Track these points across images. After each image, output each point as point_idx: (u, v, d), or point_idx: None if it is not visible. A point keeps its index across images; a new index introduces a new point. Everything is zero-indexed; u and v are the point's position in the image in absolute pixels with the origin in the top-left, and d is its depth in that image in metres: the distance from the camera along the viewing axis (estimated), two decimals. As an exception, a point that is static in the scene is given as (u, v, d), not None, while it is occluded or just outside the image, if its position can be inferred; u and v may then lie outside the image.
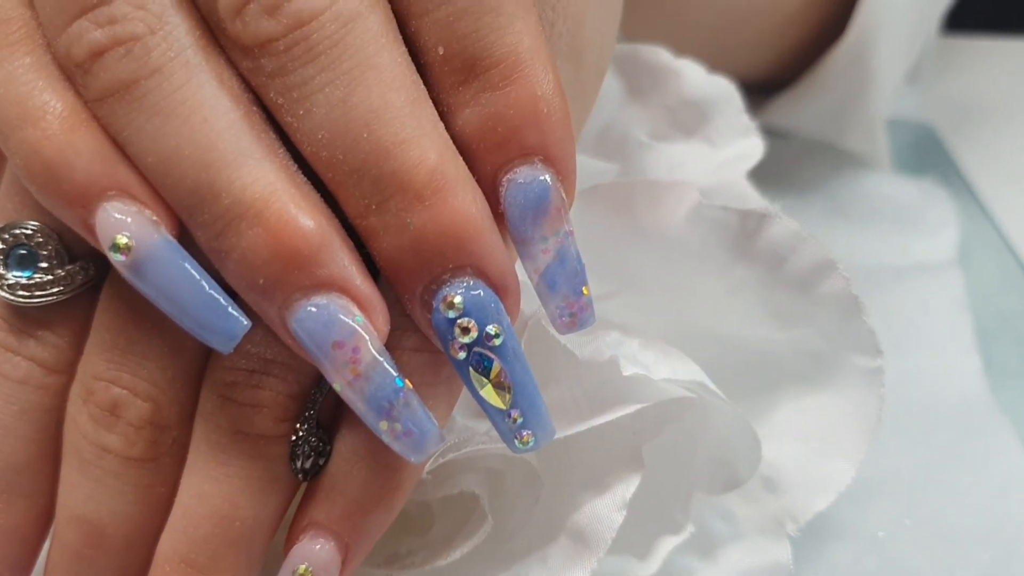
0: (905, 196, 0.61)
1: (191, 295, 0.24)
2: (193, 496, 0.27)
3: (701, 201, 0.29)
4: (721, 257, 0.30)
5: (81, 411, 0.27)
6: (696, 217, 0.29)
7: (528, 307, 0.28)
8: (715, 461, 0.30)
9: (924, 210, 0.59)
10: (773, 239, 0.29)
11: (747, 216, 0.29)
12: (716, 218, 0.29)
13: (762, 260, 0.29)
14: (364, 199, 0.24)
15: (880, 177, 0.61)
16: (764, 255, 0.29)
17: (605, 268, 0.31)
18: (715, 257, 0.30)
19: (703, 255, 0.30)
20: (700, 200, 0.29)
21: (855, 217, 0.58)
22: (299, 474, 0.27)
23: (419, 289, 0.25)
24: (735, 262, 0.30)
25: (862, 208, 0.59)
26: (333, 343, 0.24)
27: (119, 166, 0.24)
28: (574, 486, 0.29)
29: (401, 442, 0.25)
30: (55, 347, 0.28)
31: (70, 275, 0.27)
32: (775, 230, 0.29)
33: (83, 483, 0.27)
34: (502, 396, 0.25)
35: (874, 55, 0.55)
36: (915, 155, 0.66)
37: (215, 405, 0.27)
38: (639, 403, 0.28)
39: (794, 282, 0.29)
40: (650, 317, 0.31)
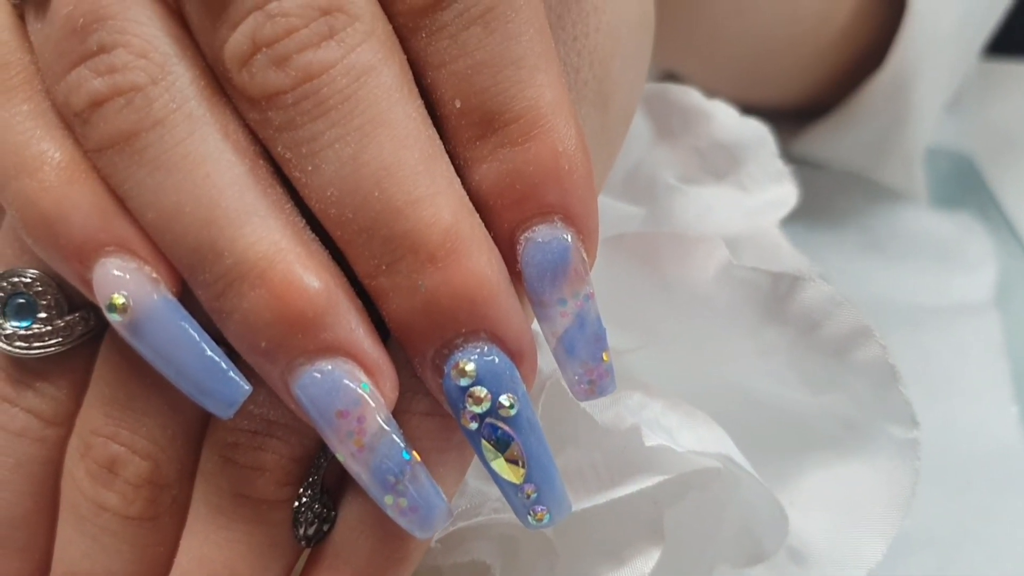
0: (942, 231, 0.59)
1: (190, 357, 0.23)
2: (192, 559, 0.26)
3: (731, 261, 0.27)
4: (751, 318, 0.28)
5: (79, 466, 0.26)
6: (725, 276, 0.28)
7: (546, 365, 0.27)
8: (740, 532, 0.28)
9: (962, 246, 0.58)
10: (806, 303, 0.28)
11: (779, 278, 0.27)
12: (746, 279, 0.28)
13: (794, 324, 0.28)
14: (374, 259, 0.23)
15: (916, 210, 0.60)
16: (797, 319, 0.28)
17: (628, 320, 0.30)
18: (745, 318, 0.28)
19: (732, 315, 0.28)
20: (729, 259, 0.28)
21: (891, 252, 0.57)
22: (302, 541, 0.25)
23: (430, 353, 0.24)
24: (765, 324, 0.28)
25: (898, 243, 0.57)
26: (337, 412, 0.23)
27: (118, 220, 0.23)
28: (590, 558, 0.27)
29: (407, 518, 0.24)
30: (54, 399, 0.27)
31: (69, 326, 0.26)
32: (809, 294, 0.28)
33: (79, 540, 0.26)
34: (515, 470, 0.24)
35: (915, 86, 0.53)
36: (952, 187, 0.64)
37: (216, 466, 0.26)
38: (661, 474, 0.26)
39: (828, 348, 0.28)
40: (674, 373, 0.30)
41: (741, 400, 0.30)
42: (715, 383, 0.30)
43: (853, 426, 0.29)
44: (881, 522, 0.28)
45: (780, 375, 0.29)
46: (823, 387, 0.29)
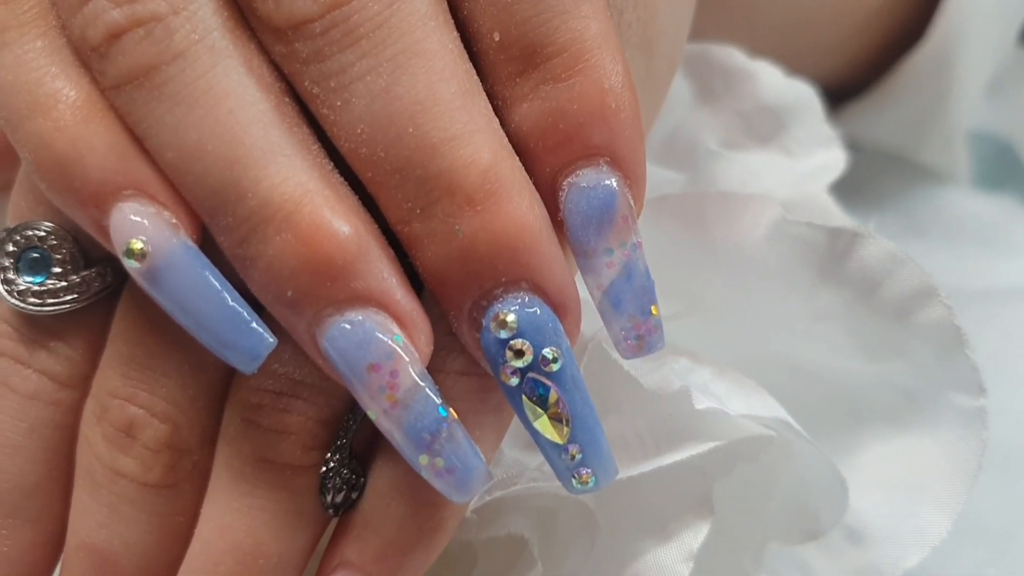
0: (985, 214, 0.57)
1: (211, 307, 0.22)
2: (213, 529, 0.24)
3: (784, 216, 0.26)
4: (805, 280, 0.27)
5: (95, 430, 0.25)
6: (778, 234, 0.26)
7: (587, 328, 0.25)
8: (793, 507, 0.27)
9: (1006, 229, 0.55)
10: (866, 261, 0.26)
11: (837, 235, 0.26)
12: (801, 236, 0.26)
13: (852, 284, 0.26)
14: (407, 202, 0.22)
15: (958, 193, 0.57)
16: (855, 279, 0.26)
17: (672, 286, 0.28)
18: (798, 280, 0.27)
19: (784, 277, 0.27)
20: (783, 215, 0.26)
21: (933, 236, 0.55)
22: (329, 509, 0.24)
23: (467, 305, 0.22)
24: (821, 286, 0.26)
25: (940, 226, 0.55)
26: (368, 365, 0.22)
27: (136, 162, 0.22)
28: (634, 532, 0.26)
29: (443, 479, 0.22)
30: (68, 360, 0.25)
31: (85, 281, 0.25)
32: (868, 251, 0.26)
33: (95, 509, 0.25)
34: (559, 429, 0.22)
35: (957, 61, 0.51)
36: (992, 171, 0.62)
37: (238, 429, 0.24)
38: (712, 440, 0.25)
39: (888, 310, 0.26)
40: (720, 342, 0.28)
41: (791, 372, 0.28)
42: (763, 353, 0.28)
43: (913, 396, 0.27)
44: (945, 497, 0.26)
45: (835, 342, 0.27)
46: (882, 354, 0.27)
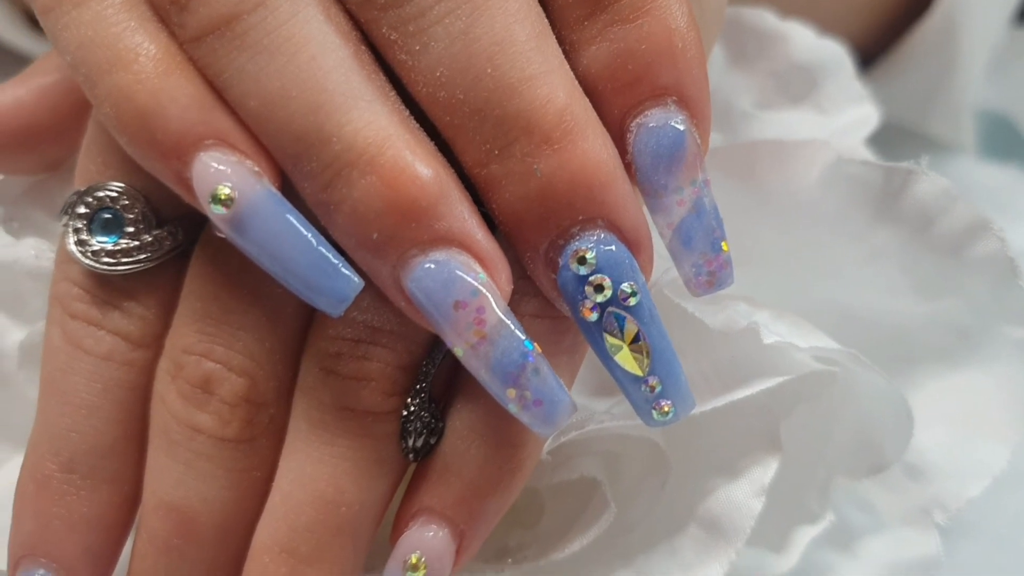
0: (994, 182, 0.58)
1: (298, 252, 0.22)
2: (294, 480, 0.24)
3: (840, 157, 0.26)
4: (860, 220, 0.27)
5: (169, 388, 0.25)
6: (833, 176, 0.27)
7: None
8: (857, 442, 0.27)
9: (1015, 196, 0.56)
10: (920, 198, 0.27)
11: (892, 173, 0.26)
12: (857, 175, 0.27)
13: (907, 222, 0.27)
14: (485, 144, 0.22)
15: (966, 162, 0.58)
16: (910, 216, 0.27)
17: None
18: (853, 221, 0.27)
19: (839, 219, 0.27)
20: (839, 156, 0.26)
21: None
22: (410, 454, 0.24)
23: (544, 245, 0.23)
24: (876, 225, 0.27)
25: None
26: (454, 303, 0.22)
27: (217, 112, 0.22)
28: (704, 471, 0.26)
29: (530, 412, 0.22)
30: (141, 319, 0.26)
31: (158, 240, 0.25)
32: (923, 187, 0.26)
33: (172, 467, 0.25)
34: (639, 362, 0.23)
35: (962, 32, 0.52)
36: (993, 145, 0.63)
37: (317, 379, 0.24)
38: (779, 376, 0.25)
39: (943, 245, 0.27)
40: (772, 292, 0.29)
41: (842, 318, 0.29)
42: (814, 301, 0.29)
43: (966, 334, 0.28)
44: (1003, 428, 0.27)
45: (889, 283, 0.28)
46: (936, 292, 0.27)
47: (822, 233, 0.28)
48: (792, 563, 0.26)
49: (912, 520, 0.27)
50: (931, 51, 0.54)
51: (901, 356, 0.29)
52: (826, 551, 0.28)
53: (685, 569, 0.25)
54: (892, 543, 0.27)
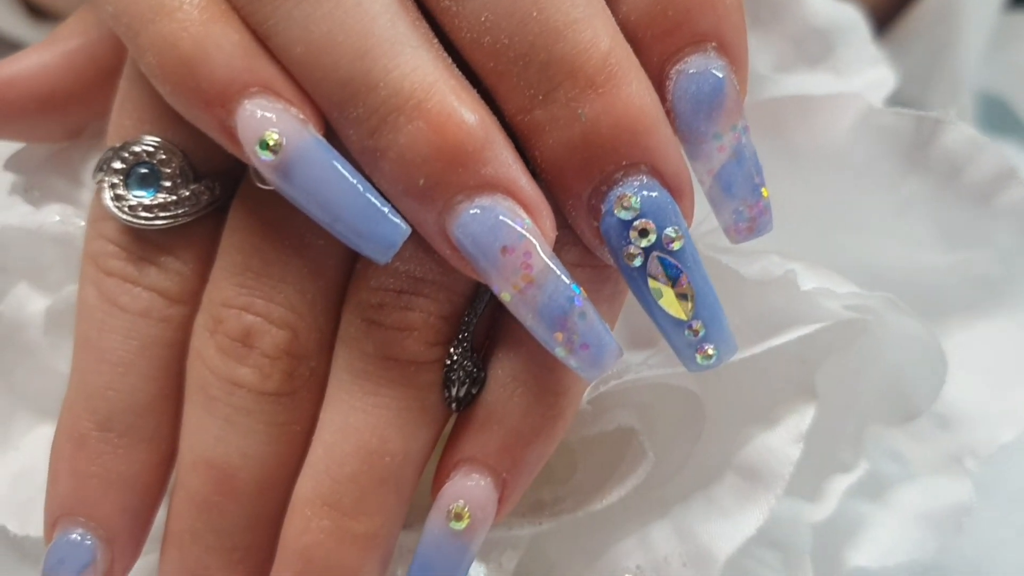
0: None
1: (346, 198, 0.22)
2: (337, 431, 0.24)
3: (871, 107, 0.27)
4: (888, 171, 0.27)
5: (208, 344, 0.25)
6: (863, 126, 0.27)
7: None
8: (889, 391, 0.27)
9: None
10: (949, 147, 0.27)
11: (922, 121, 0.27)
12: (887, 125, 0.27)
13: (936, 171, 0.27)
14: (530, 89, 0.22)
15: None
16: (939, 164, 0.27)
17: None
18: (881, 171, 0.28)
19: (867, 171, 0.28)
20: (869, 106, 0.27)
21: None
22: (452, 403, 0.24)
23: (587, 192, 0.23)
24: (906, 175, 0.27)
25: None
26: (502, 248, 0.22)
27: (262, 60, 0.22)
28: (739, 420, 0.26)
29: (578, 356, 0.22)
30: (179, 275, 0.26)
31: (195, 195, 0.25)
32: (952, 136, 0.27)
33: (210, 423, 0.25)
34: (683, 306, 0.23)
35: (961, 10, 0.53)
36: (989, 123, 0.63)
37: (359, 330, 0.24)
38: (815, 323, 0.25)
39: (970, 194, 0.27)
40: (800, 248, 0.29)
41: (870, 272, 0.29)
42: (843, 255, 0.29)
43: (993, 283, 0.28)
44: (1032, 374, 0.27)
45: (917, 234, 0.28)
46: (963, 241, 0.28)
47: (849, 186, 0.28)
48: (828, 511, 0.27)
49: (943, 468, 0.28)
50: (931, 27, 0.54)
51: (928, 308, 0.29)
52: (858, 501, 0.28)
53: (725, 516, 0.25)
54: (924, 492, 0.28)
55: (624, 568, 0.26)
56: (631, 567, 0.26)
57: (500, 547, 0.27)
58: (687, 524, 0.26)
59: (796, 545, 0.27)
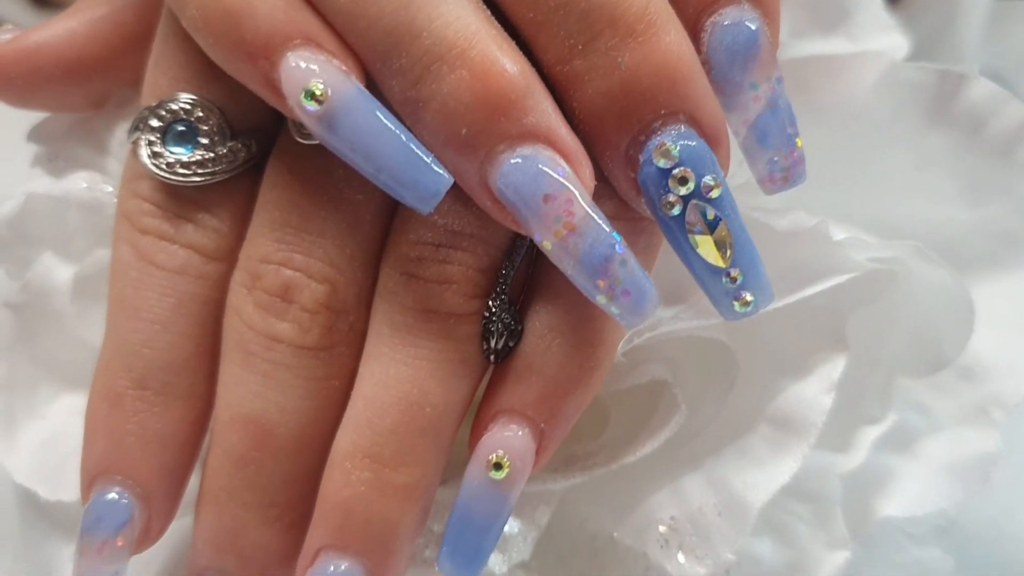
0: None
1: (390, 148, 0.22)
2: (377, 383, 0.24)
3: (895, 62, 0.27)
4: (912, 126, 0.28)
5: (246, 300, 0.25)
6: (887, 82, 0.27)
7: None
8: (916, 342, 0.28)
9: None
10: (972, 100, 0.27)
11: (945, 76, 0.27)
12: (911, 80, 0.27)
13: (959, 125, 0.27)
14: (569, 38, 0.23)
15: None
16: (962, 118, 0.27)
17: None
18: (905, 127, 0.28)
19: (891, 126, 0.28)
20: (894, 61, 0.27)
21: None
22: (490, 355, 0.25)
23: (625, 142, 0.23)
24: (929, 130, 0.28)
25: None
26: (544, 196, 0.22)
27: (304, 12, 0.23)
28: (771, 372, 0.27)
29: (619, 303, 0.23)
30: (216, 232, 0.26)
31: (232, 152, 0.25)
32: (975, 90, 0.27)
33: (248, 379, 0.25)
34: (722, 253, 0.23)
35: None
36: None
37: (398, 284, 0.25)
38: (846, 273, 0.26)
39: (992, 148, 0.27)
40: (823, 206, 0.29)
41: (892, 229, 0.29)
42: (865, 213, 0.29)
43: (1013, 239, 0.29)
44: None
45: (939, 190, 0.28)
46: (984, 196, 0.28)
47: (873, 143, 0.29)
48: (858, 461, 0.27)
49: (969, 419, 0.28)
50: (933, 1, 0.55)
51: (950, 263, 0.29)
52: (886, 454, 0.28)
53: (758, 466, 0.26)
54: (951, 443, 0.28)
55: (658, 520, 0.26)
56: (665, 519, 0.26)
57: (533, 502, 0.27)
58: (720, 475, 0.26)
59: (827, 497, 0.27)
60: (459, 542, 0.24)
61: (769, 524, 0.27)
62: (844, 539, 0.27)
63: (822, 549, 0.27)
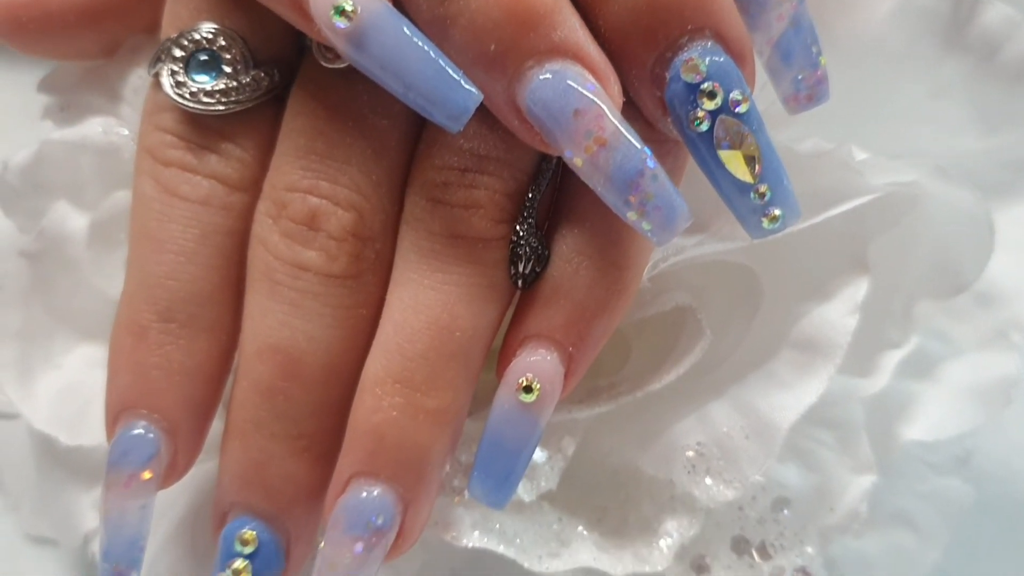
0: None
1: (419, 65, 0.22)
2: (406, 308, 0.24)
3: (909, -11, 0.27)
4: (927, 54, 0.28)
5: (272, 230, 0.25)
6: (902, 11, 0.28)
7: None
8: (936, 265, 0.28)
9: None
10: (987, 26, 0.27)
11: (960, 2, 0.27)
12: (925, 7, 0.27)
13: (974, 50, 0.28)
14: (596, -45, 0.23)
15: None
16: (976, 44, 0.28)
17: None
18: (920, 55, 0.28)
19: (906, 55, 0.28)
20: (907, -11, 0.27)
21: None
22: (518, 280, 0.25)
23: (651, 60, 0.23)
24: (943, 57, 0.28)
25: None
26: (574, 111, 0.22)
27: None
28: (793, 297, 0.27)
29: (650, 218, 0.23)
30: (239, 161, 0.26)
31: (256, 80, 0.25)
32: (989, 16, 0.27)
33: (275, 309, 0.25)
34: (751, 168, 0.23)
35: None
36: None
37: (425, 209, 0.25)
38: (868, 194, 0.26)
39: (1007, 73, 0.28)
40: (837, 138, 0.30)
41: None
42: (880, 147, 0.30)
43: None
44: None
45: (952, 119, 0.29)
46: (998, 124, 0.28)
47: (888, 72, 0.29)
48: (880, 385, 0.27)
49: (989, 343, 0.28)
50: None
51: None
52: (908, 380, 0.28)
53: (785, 388, 0.26)
54: (972, 367, 0.28)
55: (684, 447, 0.26)
56: (691, 445, 0.26)
57: (559, 433, 0.27)
58: (746, 400, 0.26)
59: (850, 423, 0.27)
60: (490, 466, 0.24)
61: (794, 451, 0.27)
62: (869, 463, 0.27)
63: (848, 473, 0.27)
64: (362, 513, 0.24)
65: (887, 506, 0.29)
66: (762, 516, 0.27)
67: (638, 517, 0.28)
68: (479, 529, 0.26)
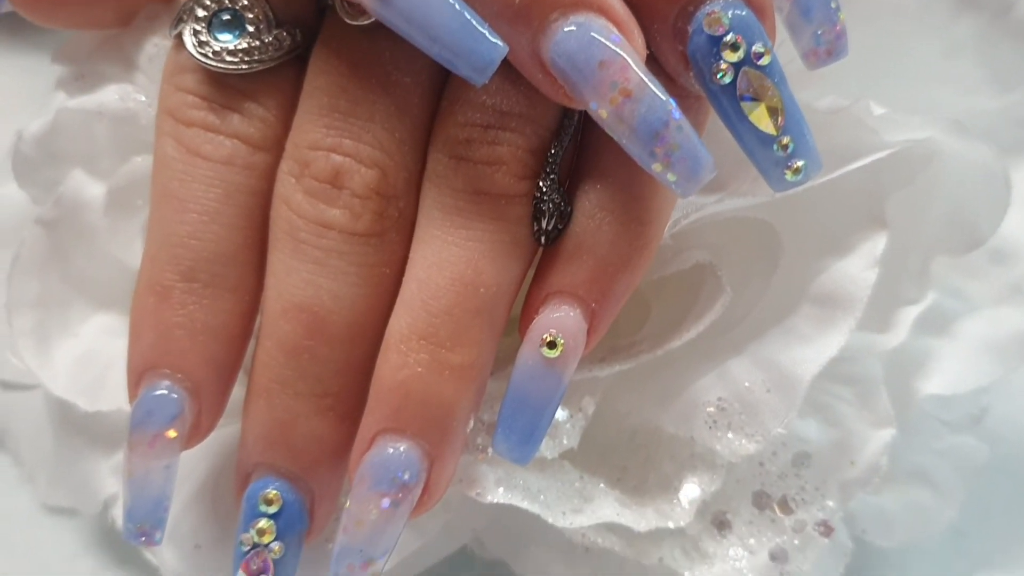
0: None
1: (445, 18, 0.22)
2: (431, 265, 0.24)
3: (925, -54, 0.28)
4: (941, 11, 0.28)
5: (295, 189, 0.25)
6: (916, -33, 0.28)
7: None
8: (953, 220, 0.28)
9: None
10: (1001, -19, 0.28)
11: (976, -42, 0.28)
12: (942, -37, 0.28)
13: (987, 7, 0.28)
14: (618, -92, 0.23)
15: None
16: (990, 1, 0.28)
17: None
18: (935, 13, 0.28)
19: (920, 12, 0.28)
20: (923, -55, 0.28)
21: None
22: (541, 236, 0.25)
23: (673, 13, 0.23)
24: (958, 15, 0.28)
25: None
26: (599, 63, 0.22)
27: None
28: (812, 253, 0.27)
29: (675, 169, 0.23)
30: (262, 121, 0.26)
31: (278, 39, 0.25)
32: (1003, -28, 0.28)
33: (300, 267, 0.25)
34: (774, 120, 0.23)
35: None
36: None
37: (448, 167, 0.25)
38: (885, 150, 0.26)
39: (1020, 30, 0.28)
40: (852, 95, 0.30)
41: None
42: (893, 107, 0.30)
43: (1038, 124, 0.29)
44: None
45: (966, 77, 0.29)
46: (1011, 82, 0.29)
47: (902, 30, 0.29)
48: (899, 340, 0.27)
49: (1005, 299, 0.29)
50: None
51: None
52: (925, 336, 0.29)
53: (805, 343, 0.26)
54: (988, 322, 0.29)
55: (705, 403, 0.27)
56: (712, 401, 0.27)
57: (579, 392, 0.27)
58: (767, 355, 0.26)
59: (869, 378, 0.27)
60: (514, 422, 0.24)
61: (814, 407, 0.28)
62: (889, 417, 0.27)
63: (867, 428, 0.27)
64: (388, 469, 0.24)
65: (904, 463, 0.29)
66: (783, 471, 0.27)
67: (659, 476, 0.28)
68: (503, 486, 0.26)
